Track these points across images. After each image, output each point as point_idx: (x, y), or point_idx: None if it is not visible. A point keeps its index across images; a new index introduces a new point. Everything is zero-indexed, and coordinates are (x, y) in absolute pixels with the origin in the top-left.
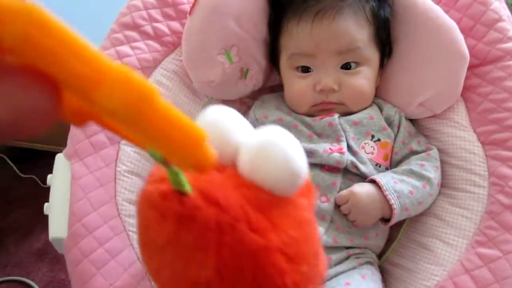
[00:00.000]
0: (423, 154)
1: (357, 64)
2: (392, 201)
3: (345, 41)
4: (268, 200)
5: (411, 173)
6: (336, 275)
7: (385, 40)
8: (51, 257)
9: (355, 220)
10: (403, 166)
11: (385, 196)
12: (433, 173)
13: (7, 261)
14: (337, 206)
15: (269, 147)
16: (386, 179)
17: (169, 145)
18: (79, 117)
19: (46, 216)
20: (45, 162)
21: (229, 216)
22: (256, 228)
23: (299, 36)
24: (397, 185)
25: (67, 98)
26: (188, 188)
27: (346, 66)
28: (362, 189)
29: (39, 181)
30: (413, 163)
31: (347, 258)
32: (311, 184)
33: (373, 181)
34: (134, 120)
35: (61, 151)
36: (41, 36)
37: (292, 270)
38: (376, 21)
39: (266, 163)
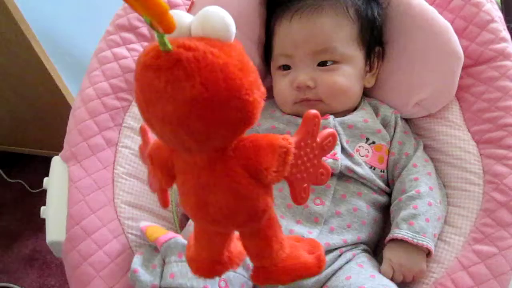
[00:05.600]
0: (410, 166)
1: (335, 62)
2: (426, 244)
3: (321, 40)
4: (218, 43)
5: (412, 199)
6: (333, 273)
7: (371, 40)
8: (40, 263)
9: (414, 279)
10: (401, 194)
11: (416, 244)
12: (428, 182)
13: None
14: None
15: (208, 13)
16: (403, 229)
17: (151, 14)
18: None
19: (35, 222)
20: (33, 167)
21: (199, 52)
22: (216, 55)
23: (280, 36)
24: (414, 226)
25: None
26: (170, 46)
27: (322, 63)
28: (395, 253)
29: (26, 186)
30: (407, 184)
31: (340, 255)
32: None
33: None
34: None
35: (48, 155)
36: None
37: (244, 75)
38: (360, 21)
39: (209, 21)
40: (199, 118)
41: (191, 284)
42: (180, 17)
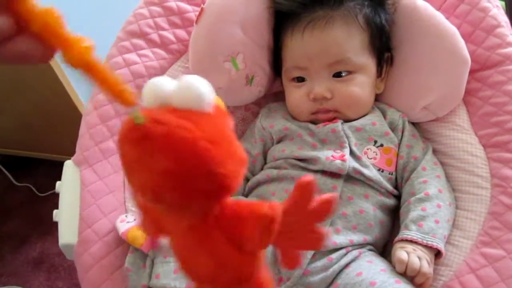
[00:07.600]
0: (419, 169)
1: (349, 72)
2: (435, 244)
3: (334, 53)
4: (193, 114)
5: (421, 201)
6: (340, 270)
7: (381, 47)
8: (48, 266)
9: (429, 277)
10: (411, 197)
11: (425, 245)
12: (437, 185)
13: (3, 270)
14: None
15: (184, 84)
16: (412, 230)
17: (110, 94)
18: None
19: (42, 225)
20: (41, 170)
21: (169, 126)
22: (187, 129)
23: (292, 49)
24: (423, 227)
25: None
26: (141, 119)
27: (338, 74)
28: (403, 253)
29: (34, 190)
30: (416, 187)
31: (347, 253)
32: (221, 107)
33: (403, 241)
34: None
35: (56, 159)
36: None
37: (215, 147)
38: (370, 28)
39: (184, 93)
40: (171, 190)
41: (174, 284)
42: (162, 85)
